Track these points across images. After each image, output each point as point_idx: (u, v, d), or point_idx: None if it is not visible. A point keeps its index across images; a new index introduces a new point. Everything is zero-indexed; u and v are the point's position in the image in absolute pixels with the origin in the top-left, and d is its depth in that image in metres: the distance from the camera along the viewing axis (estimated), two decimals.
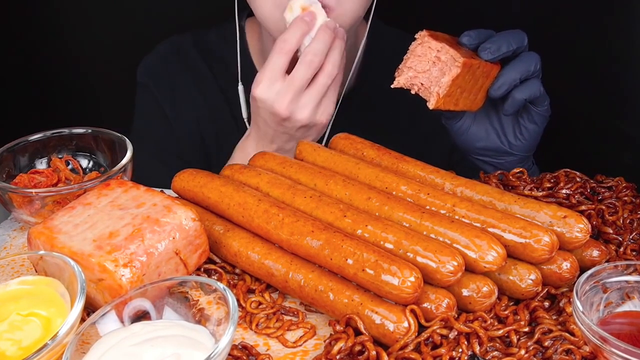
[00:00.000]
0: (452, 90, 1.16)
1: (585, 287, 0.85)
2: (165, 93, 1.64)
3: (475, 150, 1.33)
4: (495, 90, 1.21)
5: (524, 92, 1.20)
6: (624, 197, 1.14)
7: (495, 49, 1.17)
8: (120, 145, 1.24)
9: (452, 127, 1.32)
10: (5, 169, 1.22)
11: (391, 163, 1.16)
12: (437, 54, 1.14)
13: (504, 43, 1.18)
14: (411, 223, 0.99)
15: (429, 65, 1.15)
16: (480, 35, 1.19)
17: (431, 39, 1.15)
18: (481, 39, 1.19)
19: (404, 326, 0.88)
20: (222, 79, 1.64)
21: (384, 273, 0.89)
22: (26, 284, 0.93)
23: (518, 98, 1.21)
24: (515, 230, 0.96)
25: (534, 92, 1.21)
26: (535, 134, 1.28)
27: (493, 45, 1.17)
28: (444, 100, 1.16)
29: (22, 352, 0.82)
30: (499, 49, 1.17)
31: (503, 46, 1.17)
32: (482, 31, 1.20)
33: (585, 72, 1.49)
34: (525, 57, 1.20)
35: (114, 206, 1.00)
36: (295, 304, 1.02)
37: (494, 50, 1.17)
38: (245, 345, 0.92)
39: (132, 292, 0.88)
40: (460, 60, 1.12)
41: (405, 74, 1.17)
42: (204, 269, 1.05)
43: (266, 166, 1.17)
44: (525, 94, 1.20)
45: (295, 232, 0.98)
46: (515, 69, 1.19)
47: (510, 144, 1.29)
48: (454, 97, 1.18)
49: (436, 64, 1.15)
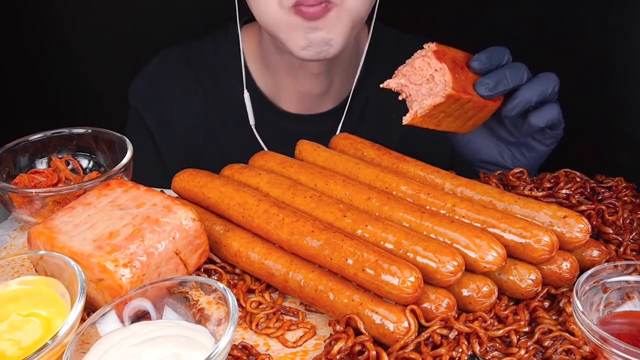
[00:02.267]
0: (434, 113, 1.13)
1: (585, 287, 0.85)
2: (153, 117, 1.63)
3: (476, 162, 1.32)
4: (509, 111, 1.16)
5: (542, 119, 1.16)
6: (624, 197, 1.14)
7: (493, 86, 1.13)
8: (120, 145, 1.23)
9: (454, 137, 1.30)
10: (5, 169, 1.22)
11: (391, 163, 1.16)
12: (433, 72, 1.11)
13: (503, 82, 1.13)
14: (411, 223, 0.99)
15: (422, 80, 1.13)
16: (492, 59, 1.15)
17: (433, 57, 1.12)
18: (492, 63, 1.15)
19: (404, 326, 0.88)
20: (216, 92, 1.63)
21: (384, 273, 0.89)
22: (26, 284, 0.93)
23: (535, 124, 1.16)
24: (515, 230, 0.96)
25: (552, 119, 1.16)
26: (542, 154, 1.25)
27: (491, 81, 1.13)
28: (422, 120, 1.14)
29: (22, 352, 0.82)
30: (496, 87, 1.13)
31: (500, 86, 1.13)
32: (494, 54, 1.15)
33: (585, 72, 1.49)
34: (544, 78, 1.16)
35: (114, 206, 1.00)
36: (295, 304, 1.02)
37: (491, 88, 1.13)
38: (245, 345, 0.92)
39: (132, 292, 0.88)
40: (447, 91, 1.09)
41: (398, 79, 1.15)
42: (204, 269, 1.05)
43: (266, 166, 1.17)
44: (544, 120, 1.16)
45: (295, 232, 0.98)
46: (531, 90, 1.14)
47: (515, 161, 1.27)
48: (435, 118, 1.15)
49: (429, 82, 1.12)
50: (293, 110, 1.61)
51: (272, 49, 1.52)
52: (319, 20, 1.28)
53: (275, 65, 1.56)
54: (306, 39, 1.31)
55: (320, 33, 1.30)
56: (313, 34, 1.30)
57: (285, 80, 1.57)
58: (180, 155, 1.62)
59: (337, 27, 1.32)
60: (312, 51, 1.33)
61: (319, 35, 1.31)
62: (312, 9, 1.27)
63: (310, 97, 1.58)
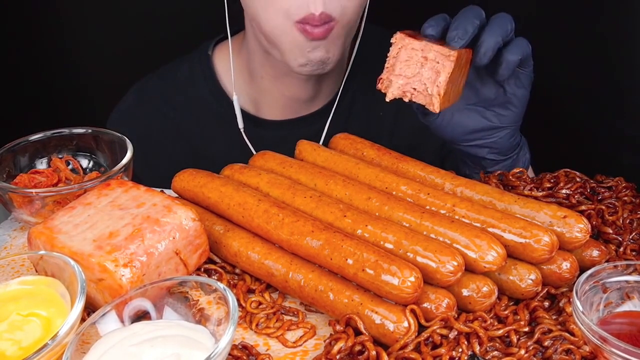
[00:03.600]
0: (448, 88, 1.09)
1: (585, 287, 0.85)
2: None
3: (464, 138, 1.27)
4: (482, 59, 1.12)
5: (516, 52, 1.13)
6: (623, 197, 1.14)
7: (463, 33, 1.09)
8: (120, 145, 1.24)
9: (433, 123, 1.25)
10: (5, 169, 1.22)
11: (391, 163, 1.16)
12: (422, 53, 1.08)
13: (468, 24, 1.10)
14: (411, 223, 0.99)
15: (418, 67, 1.09)
16: (439, 21, 1.12)
17: (412, 40, 1.08)
18: (443, 25, 1.12)
19: (404, 326, 0.88)
20: (192, 118, 1.62)
21: (384, 273, 0.89)
22: (26, 284, 0.93)
23: (512, 59, 1.13)
24: (515, 230, 0.96)
25: (525, 50, 1.14)
26: (525, 99, 1.22)
27: (459, 30, 1.10)
28: (443, 101, 1.10)
29: (22, 352, 0.82)
30: (466, 32, 1.09)
31: (469, 27, 1.10)
32: (439, 17, 1.13)
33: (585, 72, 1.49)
34: (499, 19, 1.13)
35: (114, 206, 1.00)
36: (295, 304, 1.02)
37: (462, 35, 1.09)
38: (245, 345, 0.92)
39: (132, 292, 0.88)
40: (454, 53, 1.06)
41: (396, 82, 1.10)
42: (204, 269, 1.05)
43: (266, 166, 1.17)
44: (519, 53, 1.14)
45: (295, 232, 0.98)
46: (493, 33, 1.12)
47: (500, 117, 1.23)
48: (447, 94, 1.11)
49: (424, 65, 1.08)
50: (278, 117, 1.60)
51: (258, 56, 1.51)
52: (321, 41, 1.31)
53: (260, 73, 1.54)
54: (306, 57, 1.34)
55: (320, 53, 1.33)
56: (313, 54, 1.33)
57: (272, 88, 1.56)
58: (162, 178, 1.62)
59: (336, 44, 1.35)
60: (309, 69, 1.36)
61: (318, 55, 1.34)
62: (317, 29, 1.29)
63: (297, 102, 1.58)
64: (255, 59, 1.53)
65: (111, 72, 2.01)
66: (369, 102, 1.57)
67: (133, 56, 1.86)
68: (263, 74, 1.54)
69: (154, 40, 1.79)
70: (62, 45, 2.13)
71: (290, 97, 1.57)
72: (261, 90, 1.57)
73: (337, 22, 1.31)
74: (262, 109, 1.60)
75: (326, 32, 1.30)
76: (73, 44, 2.13)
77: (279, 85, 1.54)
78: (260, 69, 1.54)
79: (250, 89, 1.59)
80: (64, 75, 2.15)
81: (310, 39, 1.31)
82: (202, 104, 1.61)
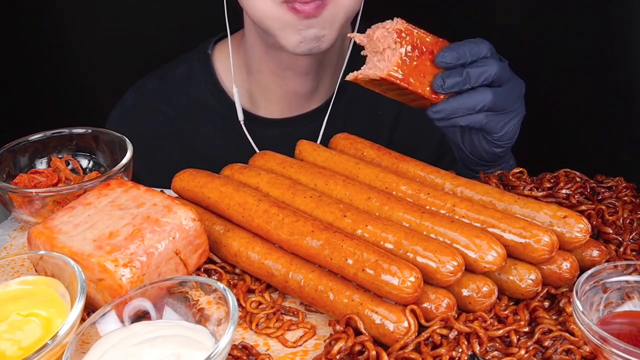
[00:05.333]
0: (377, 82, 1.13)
1: (585, 287, 0.85)
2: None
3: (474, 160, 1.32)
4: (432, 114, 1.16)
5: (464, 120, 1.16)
6: (624, 197, 1.14)
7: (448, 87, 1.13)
8: (120, 145, 1.23)
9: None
10: (5, 169, 1.22)
11: (391, 163, 1.16)
12: (386, 48, 1.11)
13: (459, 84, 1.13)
14: (411, 223, 0.99)
15: (376, 50, 1.12)
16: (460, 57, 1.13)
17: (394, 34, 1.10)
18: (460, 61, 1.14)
19: (404, 326, 0.88)
20: (191, 118, 1.62)
21: (384, 273, 0.89)
22: (26, 284, 0.93)
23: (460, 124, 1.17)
24: (515, 230, 0.96)
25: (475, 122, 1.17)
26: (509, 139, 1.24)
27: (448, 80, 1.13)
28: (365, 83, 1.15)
29: (22, 352, 0.82)
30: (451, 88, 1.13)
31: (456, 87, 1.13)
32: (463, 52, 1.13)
33: (585, 72, 1.49)
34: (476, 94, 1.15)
35: (114, 206, 1.00)
36: (295, 304, 1.02)
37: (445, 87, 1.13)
38: (245, 345, 0.92)
39: (132, 292, 0.88)
40: (383, 73, 1.10)
41: (363, 36, 1.14)
42: (204, 269, 1.05)
43: (266, 166, 1.17)
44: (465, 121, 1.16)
45: (295, 232, 0.98)
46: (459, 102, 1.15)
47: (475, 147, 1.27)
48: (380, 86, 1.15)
49: (380, 55, 1.12)
50: (276, 115, 1.60)
51: (257, 50, 1.51)
52: (314, 18, 1.29)
53: (259, 67, 1.54)
54: (299, 35, 1.31)
55: (314, 30, 1.31)
56: (306, 31, 1.31)
57: (270, 82, 1.55)
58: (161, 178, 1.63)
59: (331, 23, 1.32)
60: (305, 47, 1.33)
61: (312, 32, 1.31)
62: (306, 7, 1.27)
63: (296, 98, 1.57)
64: (255, 53, 1.53)
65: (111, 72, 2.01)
66: (368, 101, 1.57)
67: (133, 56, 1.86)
68: (262, 69, 1.54)
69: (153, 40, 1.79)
70: (61, 46, 2.13)
71: (288, 92, 1.56)
72: (260, 85, 1.57)
73: (330, 2, 1.29)
74: (259, 107, 1.60)
75: (318, 9, 1.28)
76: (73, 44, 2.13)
77: (278, 80, 1.54)
78: (259, 64, 1.54)
79: (249, 85, 1.59)
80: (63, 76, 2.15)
81: (303, 17, 1.28)
82: (202, 103, 1.61)
